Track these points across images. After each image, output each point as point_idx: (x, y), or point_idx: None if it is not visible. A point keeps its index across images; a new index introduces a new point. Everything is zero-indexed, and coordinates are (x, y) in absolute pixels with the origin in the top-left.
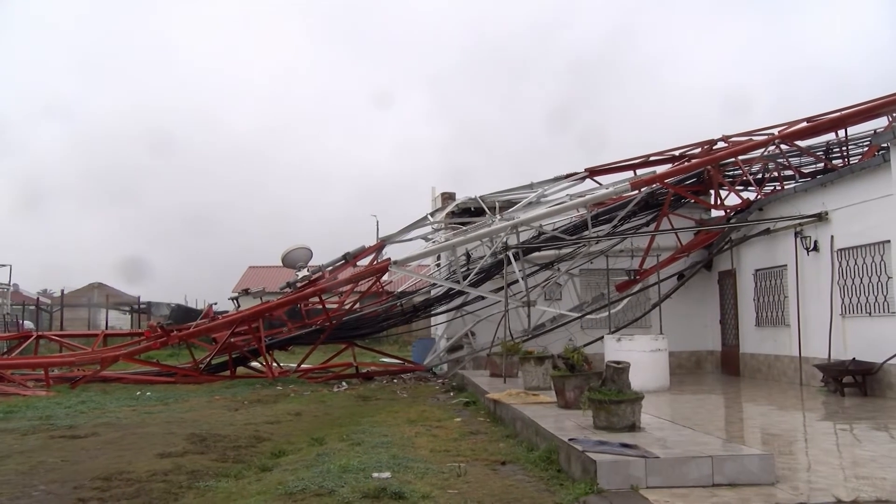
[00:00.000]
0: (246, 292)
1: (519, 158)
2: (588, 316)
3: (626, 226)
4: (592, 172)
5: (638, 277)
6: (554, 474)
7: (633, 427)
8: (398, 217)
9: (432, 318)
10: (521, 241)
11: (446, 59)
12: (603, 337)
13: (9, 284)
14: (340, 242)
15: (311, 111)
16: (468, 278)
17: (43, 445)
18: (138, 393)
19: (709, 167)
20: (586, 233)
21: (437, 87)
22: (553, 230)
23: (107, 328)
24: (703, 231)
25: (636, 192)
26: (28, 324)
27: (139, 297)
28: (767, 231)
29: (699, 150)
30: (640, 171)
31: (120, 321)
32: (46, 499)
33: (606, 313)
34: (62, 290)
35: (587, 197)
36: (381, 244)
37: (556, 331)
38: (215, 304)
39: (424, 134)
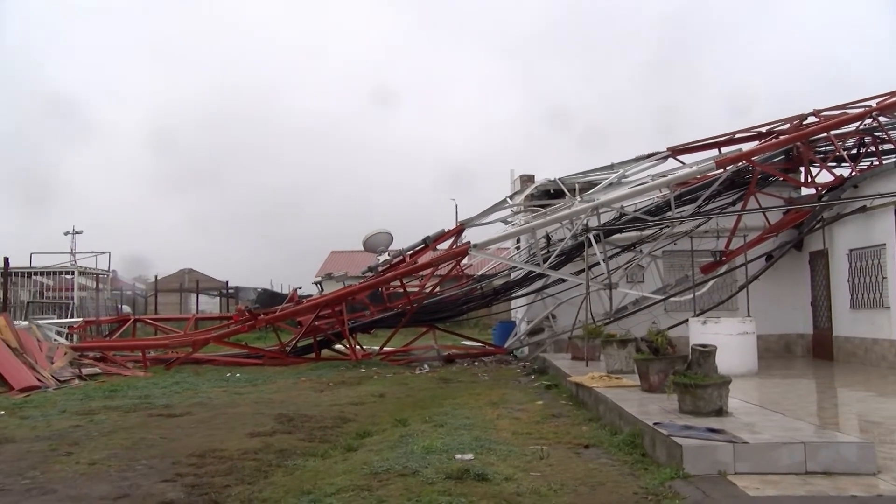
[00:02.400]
0: (329, 276)
1: (599, 137)
2: (672, 298)
3: (710, 206)
4: (675, 151)
5: (724, 259)
6: (638, 458)
7: (720, 412)
8: (478, 200)
9: (512, 302)
10: (601, 222)
11: (524, 34)
12: (687, 320)
13: (108, 271)
14: (420, 226)
15: (390, 92)
16: (548, 261)
17: (143, 423)
18: (228, 374)
19: (798, 143)
20: (669, 213)
21: (516, 66)
22: (635, 211)
23: (197, 312)
24: (792, 210)
25: (721, 170)
26: (126, 308)
27: (227, 282)
28: (863, 209)
29: (788, 125)
30: (725, 150)
31: (209, 305)
32: (148, 472)
33: (691, 296)
34: (156, 276)
35: (670, 177)
36: (461, 228)
37: (638, 314)
38: (299, 288)
39: (505, 115)
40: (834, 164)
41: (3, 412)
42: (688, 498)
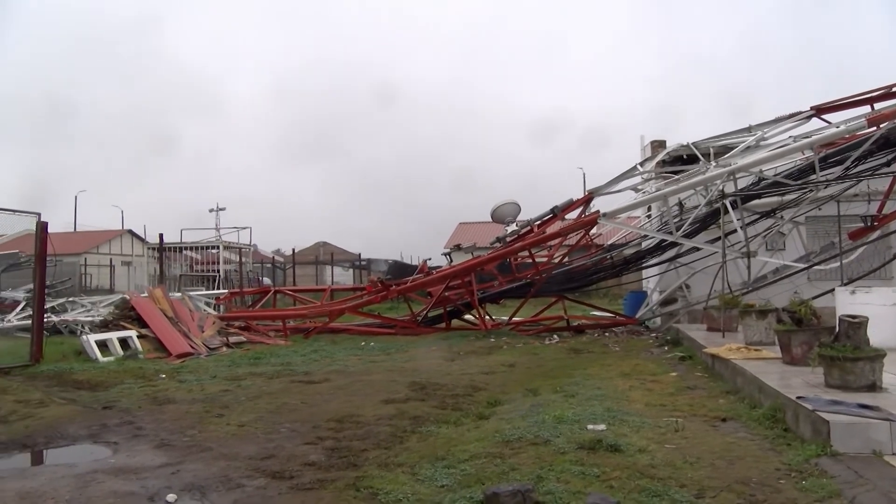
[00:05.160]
0: (458, 248)
1: (736, 98)
2: (816, 267)
3: (860, 167)
4: (819, 110)
5: (876, 224)
6: (780, 433)
7: (873, 387)
8: (606, 169)
9: (644, 271)
10: (738, 188)
11: None
12: (833, 289)
13: (249, 245)
14: (547, 197)
15: (515, 58)
16: (681, 229)
17: (285, 389)
18: (363, 343)
19: None
20: (813, 177)
21: (645, 17)
22: (775, 175)
23: (332, 283)
24: None
25: (874, 128)
26: (266, 280)
27: (359, 255)
28: None
29: None
30: (878, 105)
31: (343, 277)
32: (291, 435)
33: (837, 264)
34: (293, 249)
35: (814, 138)
36: (589, 196)
37: (778, 283)
38: (429, 259)
39: (633, 79)
40: None
41: (164, 375)
42: (838, 477)
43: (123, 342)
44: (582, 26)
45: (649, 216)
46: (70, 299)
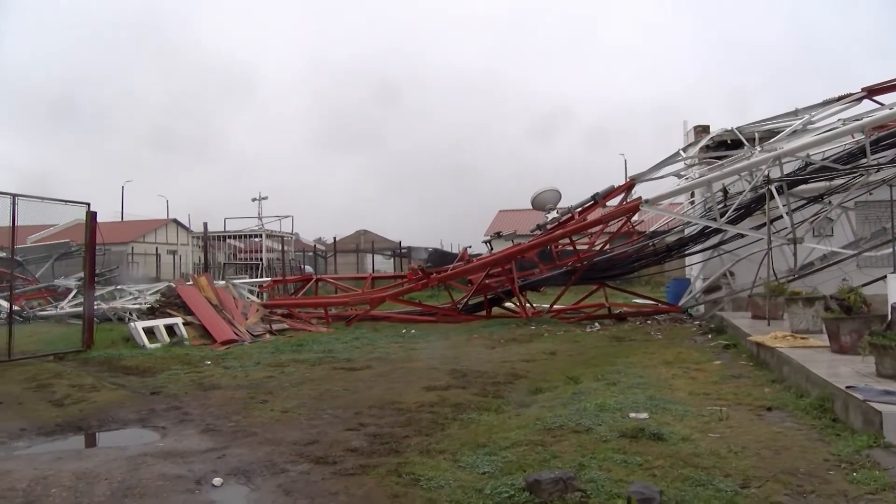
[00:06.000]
0: (498, 235)
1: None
2: (866, 253)
3: None
4: (871, 92)
5: None
6: (828, 423)
7: None
8: (648, 155)
9: (686, 258)
10: (784, 173)
11: None
12: (885, 276)
13: (291, 233)
14: (588, 183)
15: (554, 44)
16: (725, 215)
17: (327, 375)
18: (403, 331)
19: None
20: (864, 160)
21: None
22: (823, 160)
23: (373, 271)
24: None
25: None
26: (308, 268)
27: (400, 242)
28: None
29: None
30: None
31: (383, 265)
32: (334, 421)
33: (889, 250)
34: (334, 238)
35: (865, 120)
36: (631, 183)
37: (826, 270)
38: (469, 247)
39: (675, 61)
40: None
41: (209, 362)
42: (891, 469)
43: (170, 329)
44: (613, 12)
45: (692, 202)
46: (118, 287)
